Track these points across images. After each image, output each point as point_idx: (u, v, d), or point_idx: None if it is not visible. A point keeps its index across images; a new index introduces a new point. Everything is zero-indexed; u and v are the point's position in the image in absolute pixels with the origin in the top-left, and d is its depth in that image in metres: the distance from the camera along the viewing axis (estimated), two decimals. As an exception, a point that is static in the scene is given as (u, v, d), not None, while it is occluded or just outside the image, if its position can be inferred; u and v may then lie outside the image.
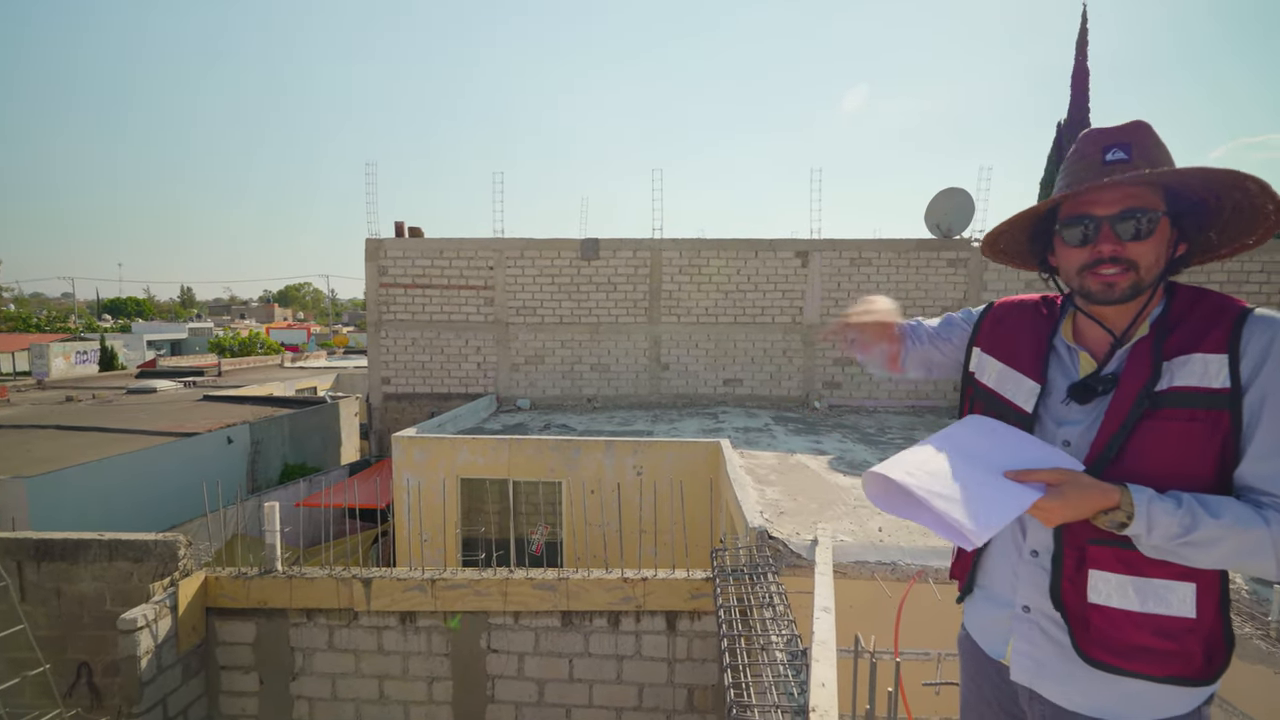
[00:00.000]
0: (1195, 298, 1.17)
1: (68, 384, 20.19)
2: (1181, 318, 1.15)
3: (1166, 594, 1.11)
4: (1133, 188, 1.12)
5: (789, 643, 2.81)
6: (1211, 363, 1.09)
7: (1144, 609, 1.12)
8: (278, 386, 17.70)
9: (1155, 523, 1.04)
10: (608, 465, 6.97)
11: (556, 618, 4.14)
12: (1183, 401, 1.10)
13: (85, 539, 4.34)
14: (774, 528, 4.20)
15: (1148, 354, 1.15)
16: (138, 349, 33.27)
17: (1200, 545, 1.03)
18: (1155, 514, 1.04)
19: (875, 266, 10.68)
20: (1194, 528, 1.02)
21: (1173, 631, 1.12)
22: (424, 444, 7.29)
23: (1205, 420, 1.08)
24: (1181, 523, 1.03)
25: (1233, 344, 1.08)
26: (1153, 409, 1.11)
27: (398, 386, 11.01)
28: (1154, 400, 1.12)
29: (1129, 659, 1.13)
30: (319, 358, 30.21)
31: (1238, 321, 1.10)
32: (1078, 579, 1.16)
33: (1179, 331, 1.14)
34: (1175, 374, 1.12)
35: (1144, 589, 1.12)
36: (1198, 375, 1.10)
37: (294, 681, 4.33)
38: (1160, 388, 1.12)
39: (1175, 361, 1.12)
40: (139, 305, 65.17)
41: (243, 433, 11.00)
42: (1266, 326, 1.08)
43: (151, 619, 3.92)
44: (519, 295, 10.89)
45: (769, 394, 10.85)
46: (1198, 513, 1.03)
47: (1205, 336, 1.11)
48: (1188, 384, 1.10)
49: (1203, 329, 1.12)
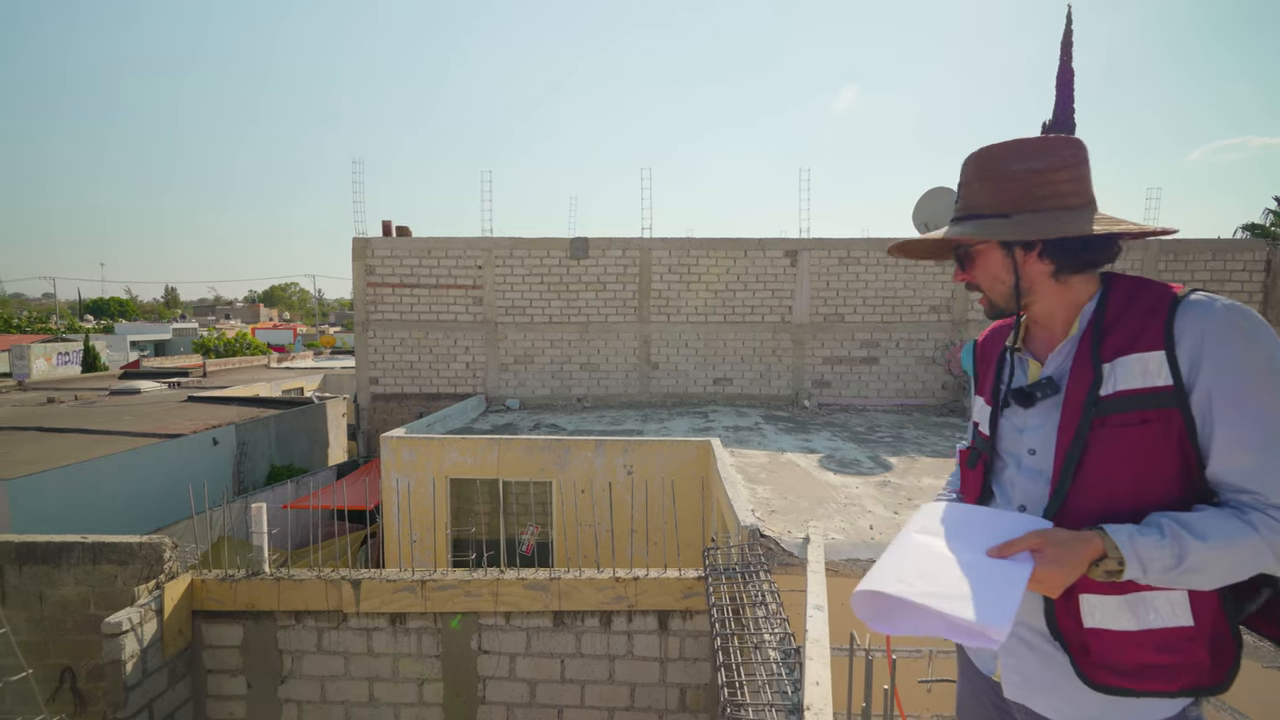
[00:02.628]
0: (1132, 291, 1.16)
1: (49, 385, 19.86)
2: (1119, 315, 1.14)
3: (1160, 605, 1.09)
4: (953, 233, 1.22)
5: (782, 641, 2.81)
6: (1150, 361, 1.08)
7: (1142, 626, 1.09)
8: (264, 387, 17.51)
9: (1147, 561, 1.00)
10: (598, 465, 6.96)
11: (548, 618, 4.13)
12: (1130, 405, 1.09)
13: (68, 542, 4.26)
14: (765, 526, 4.21)
15: (1087, 356, 1.15)
16: (121, 350, 32.78)
17: (1196, 570, 1.00)
18: (1143, 551, 1.00)
19: (864, 265, 10.74)
20: (1184, 555, 0.99)
21: (1175, 644, 1.09)
22: (413, 444, 7.24)
23: (1157, 421, 1.07)
24: (1171, 552, 0.99)
25: (1168, 338, 1.07)
26: (1101, 415, 1.11)
27: (386, 387, 10.93)
28: (1100, 406, 1.11)
29: (1137, 679, 1.10)
30: (306, 358, 29.92)
31: (1170, 311, 1.08)
32: (1070, 605, 1.14)
33: (1117, 330, 1.13)
34: (1118, 377, 1.10)
35: (1138, 605, 1.09)
36: (1139, 376, 1.08)
37: (282, 684, 4.28)
38: (1105, 392, 1.11)
39: (1117, 363, 1.11)
40: (122, 306, 64.21)
41: (228, 434, 10.87)
42: (1196, 316, 1.06)
43: (136, 622, 3.86)
44: (508, 295, 10.85)
45: (759, 393, 10.88)
46: (1183, 539, 1.00)
47: (1141, 334, 1.10)
48: (1130, 386, 1.09)
49: (1138, 326, 1.11)
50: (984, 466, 1.32)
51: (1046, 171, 1.15)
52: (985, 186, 1.19)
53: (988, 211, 1.19)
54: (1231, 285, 10.40)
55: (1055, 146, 1.16)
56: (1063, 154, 1.16)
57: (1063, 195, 1.15)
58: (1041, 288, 1.21)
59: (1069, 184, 1.15)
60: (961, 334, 10.67)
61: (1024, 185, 1.15)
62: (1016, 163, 1.17)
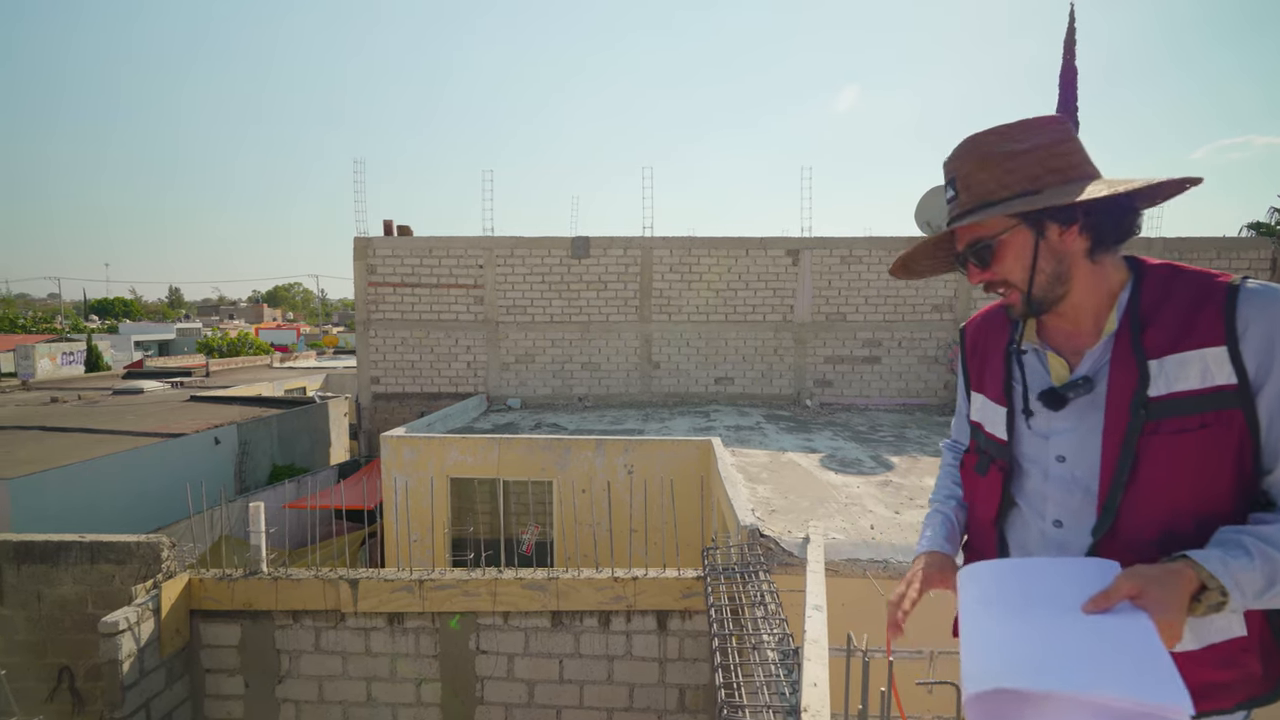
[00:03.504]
0: (1169, 278, 1.05)
1: (53, 385, 19.93)
2: (1159, 304, 1.03)
3: (1218, 619, 1.00)
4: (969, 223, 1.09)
5: (780, 642, 2.78)
6: (1210, 358, 0.97)
7: (1202, 644, 1.02)
8: (266, 387, 17.54)
9: (1244, 587, 0.90)
10: (598, 464, 6.93)
11: (546, 618, 4.11)
12: (1189, 408, 0.97)
13: (66, 541, 4.26)
14: (765, 526, 4.18)
15: (1128, 353, 1.03)
16: (125, 350, 32.89)
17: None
18: (1240, 576, 0.90)
19: (866, 265, 10.70)
20: (1277, 575, 0.90)
21: (1232, 656, 1.03)
22: (413, 444, 7.23)
23: (1217, 424, 0.96)
24: (1263, 573, 0.90)
25: (1229, 331, 0.96)
26: (1154, 420, 0.99)
27: (387, 386, 10.93)
28: (1151, 409, 1.00)
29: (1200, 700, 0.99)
30: (308, 358, 29.98)
31: (1229, 302, 0.97)
32: None
33: (1160, 321, 1.02)
34: (1172, 377, 0.99)
35: (1200, 624, 1.01)
36: (1198, 375, 0.97)
37: (280, 684, 4.27)
38: (1157, 393, 1.00)
39: (1168, 361, 1.00)
40: (126, 306, 64.47)
41: (230, 434, 10.88)
42: (1263, 304, 0.96)
43: (134, 622, 3.85)
44: (509, 294, 10.83)
45: (760, 392, 10.84)
46: (1273, 558, 0.91)
47: (1194, 326, 0.99)
48: (1189, 387, 0.98)
49: (1188, 317, 1.00)
50: (1002, 475, 1.20)
51: (1052, 145, 1.05)
52: (992, 172, 1.07)
53: (1005, 194, 1.06)
54: (1237, 284, 10.34)
55: (1042, 125, 1.07)
56: (1054, 130, 1.07)
57: (1077, 165, 1.05)
58: (1078, 272, 1.07)
59: (1077, 155, 1.06)
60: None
61: (1037, 160, 1.05)
62: (1014, 143, 1.07)
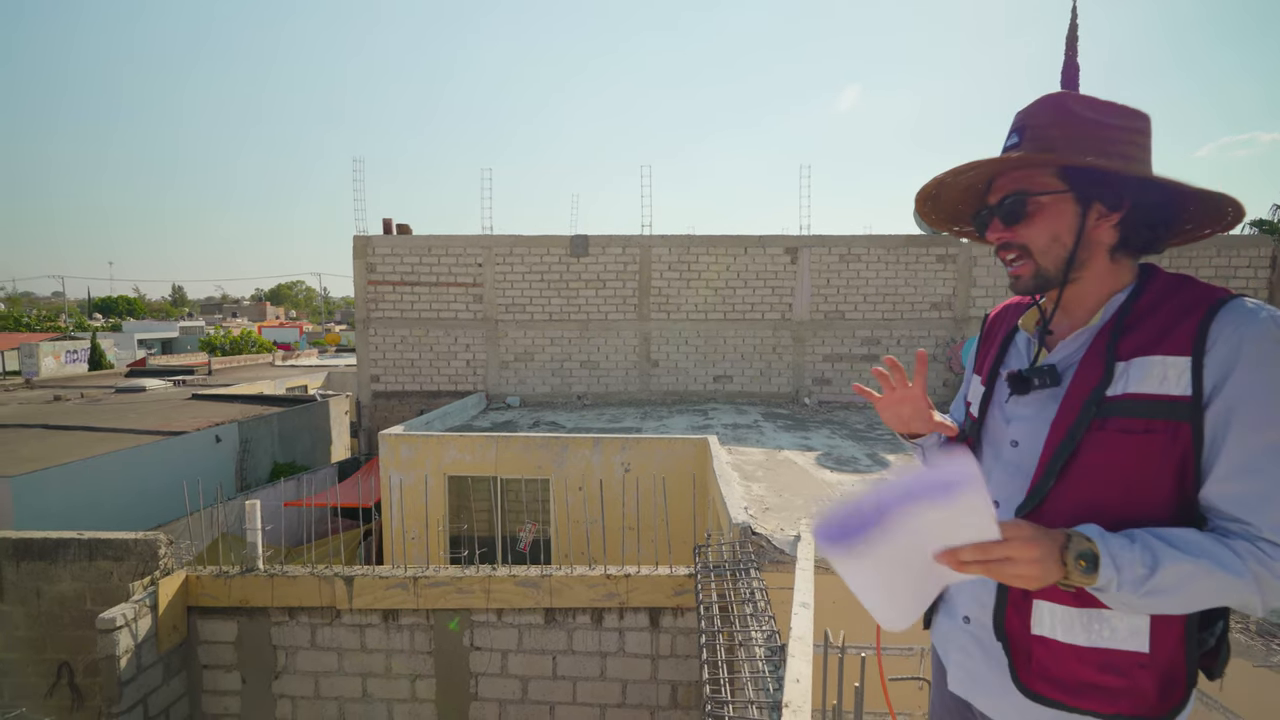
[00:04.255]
0: (1173, 287, 1.02)
1: (56, 383, 20.03)
2: (1150, 310, 1.01)
3: (1119, 625, 1.00)
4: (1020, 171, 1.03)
5: (768, 639, 2.81)
6: (1171, 366, 0.95)
7: (1091, 643, 1.01)
8: (268, 385, 17.61)
9: (1120, 560, 0.89)
10: (595, 462, 6.96)
11: (540, 615, 4.13)
12: (1138, 410, 0.97)
13: (65, 538, 4.30)
14: (758, 524, 4.20)
15: (1101, 351, 1.02)
16: (128, 348, 33.03)
17: (1167, 589, 0.88)
18: (1114, 549, 0.89)
19: (864, 263, 10.69)
20: (1157, 566, 0.88)
21: (1122, 667, 1.00)
22: (411, 442, 7.26)
23: (1164, 432, 0.95)
24: (1143, 561, 0.88)
25: (1198, 343, 0.94)
26: (1103, 417, 0.99)
27: (387, 385, 10.97)
28: (1103, 407, 0.99)
29: (1073, 695, 1.03)
30: (310, 356, 30.07)
31: (1206, 317, 0.95)
32: (1023, 606, 1.06)
33: (1141, 327, 1.00)
34: (1130, 377, 0.98)
35: (1094, 621, 1.01)
36: (1155, 380, 0.96)
37: (276, 680, 4.31)
38: (1113, 393, 0.99)
39: (1133, 363, 0.99)
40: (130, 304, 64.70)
41: (231, 431, 10.93)
42: (1237, 322, 0.93)
43: (131, 618, 3.89)
44: (508, 292, 10.86)
45: (759, 390, 10.86)
46: (1158, 550, 0.89)
47: (1169, 335, 0.97)
48: (1143, 390, 0.97)
49: (1168, 325, 0.98)
50: None
51: (1131, 132, 1.00)
52: (1066, 130, 1.00)
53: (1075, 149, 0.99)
54: (1236, 281, 10.31)
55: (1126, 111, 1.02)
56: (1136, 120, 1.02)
57: (1145, 161, 1.01)
58: (1094, 264, 1.05)
59: (1147, 151, 1.01)
60: (963, 331, 10.61)
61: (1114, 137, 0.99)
62: (1098, 113, 1.01)
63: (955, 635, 1.20)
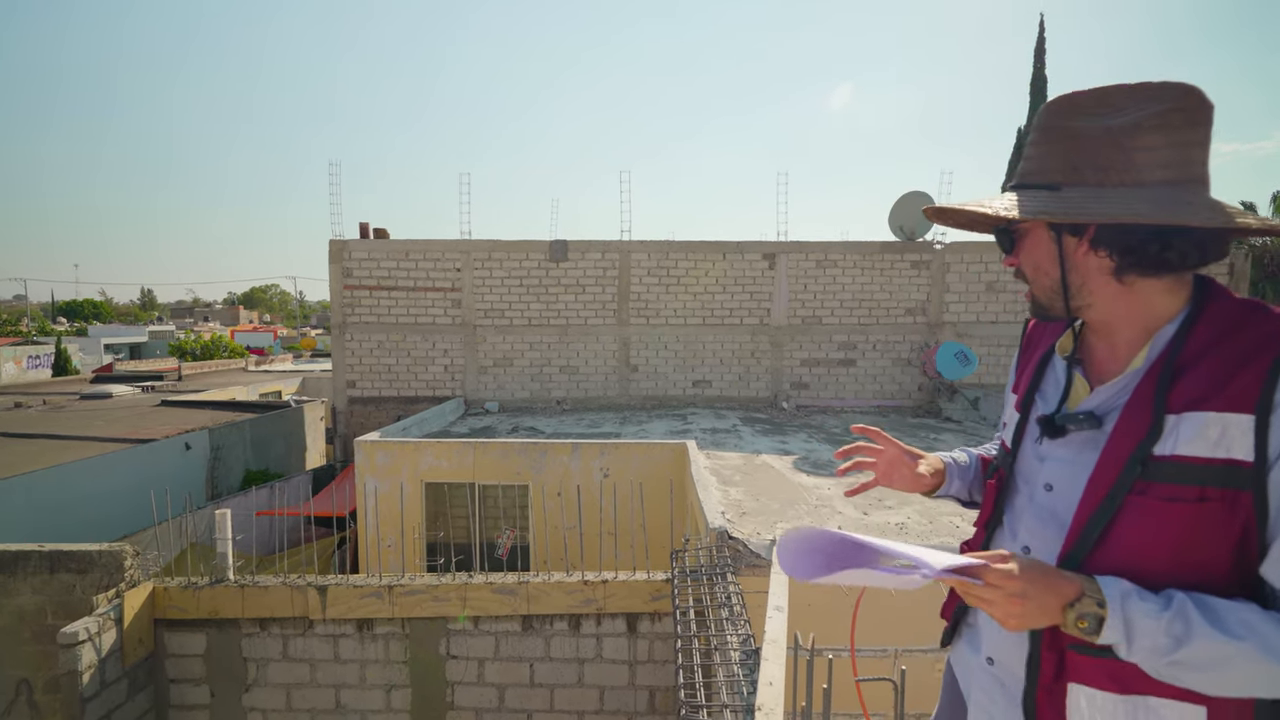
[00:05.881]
0: (1235, 320, 0.86)
1: (17, 390, 19.41)
2: (1205, 351, 0.85)
3: (1167, 716, 0.85)
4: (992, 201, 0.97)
5: (744, 642, 2.83)
6: (1232, 425, 0.81)
7: None
8: (241, 391, 17.27)
9: (1135, 628, 0.78)
10: (574, 468, 6.94)
11: (517, 622, 4.12)
12: (1189, 476, 0.83)
13: (24, 550, 4.17)
14: (735, 528, 4.23)
15: (1148, 399, 0.87)
16: (94, 353, 32.14)
17: (1197, 665, 0.77)
18: (1134, 615, 0.78)
19: (841, 268, 10.84)
20: (1186, 640, 0.77)
21: None
22: (387, 448, 7.18)
23: (1220, 501, 0.81)
24: (1169, 631, 0.77)
25: (1265, 398, 0.79)
26: (1147, 479, 0.85)
27: (363, 390, 10.83)
28: (1148, 468, 0.85)
29: None
30: (285, 361, 29.55)
31: (1275, 365, 0.80)
32: (1055, 690, 0.92)
33: (1197, 371, 0.85)
34: (1181, 435, 0.84)
35: (1138, 710, 0.86)
36: (1211, 442, 0.82)
37: (247, 693, 4.22)
38: (1161, 452, 0.85)
39: (1186, 418, 0.84)
40: (96, 308, 63.02)
41: (201, 439, 10.71)
42: None
43: (94, 632, 3.79)
44: (487, 297, 10.80)
45: (738, 395, 10.93)
46: (1193, 620, 0.77)
47: (1227, 385, 0.82)
48: (1196, 453, 0.82)
49: (1226, 372, 0.83)
50: (997, 485, 1.10)
51: (1126, 132, 0.86)
52: (1043, 148, 0.92)
53: (1039, 180, 0.92)
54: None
55: (1153, 96, 0.86)
56: (1159, 107, 0.85)
57: (1140, 167, 0.86)
58: (1098, 290, 0.93)
59: (1158, 152, 0.85)
60: (937, 336, 10.80)
61: (1090, 148, 0.88)
62: (1091, 118, 0.88)
63: (978, 674, 1.10)
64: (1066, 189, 0.89)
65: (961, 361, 10.30)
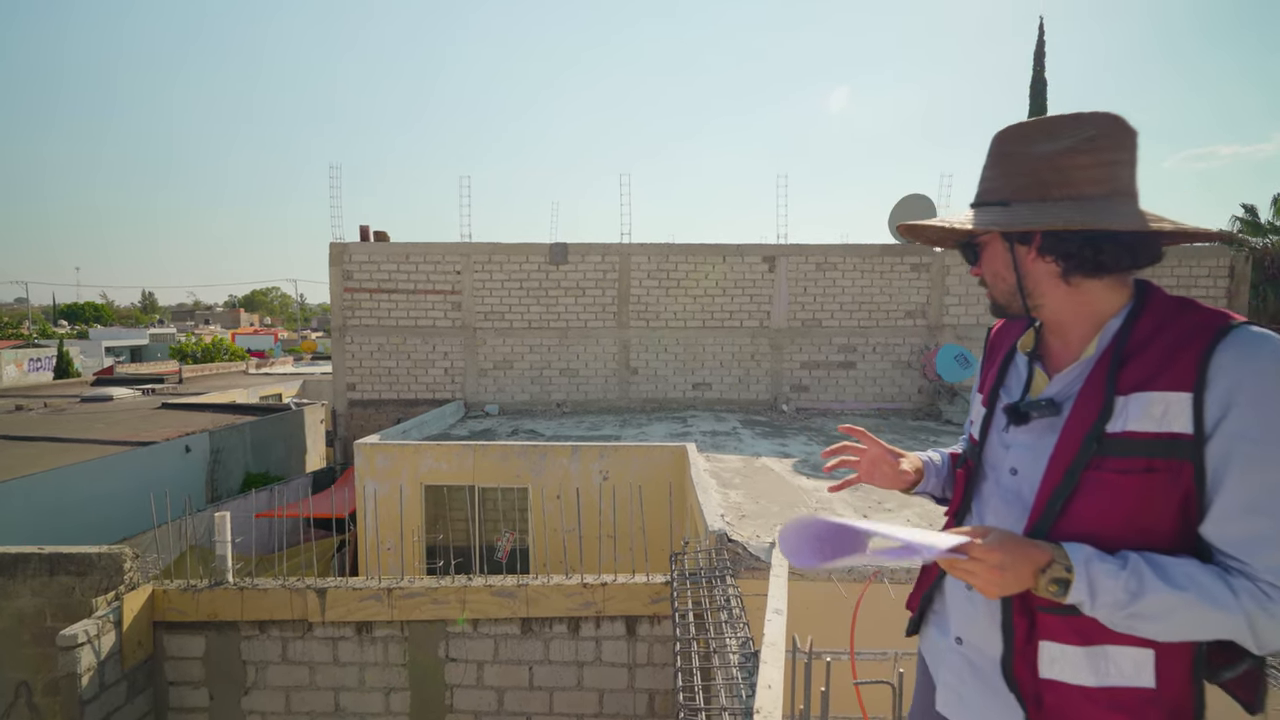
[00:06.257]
0: (1171, 313, 1.00)
1: (18, 392, 19.43)
2: (1149, 338, 0.99)
3: (1122, 662, 0.99)
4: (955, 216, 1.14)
5: (743, 645, 2.83)
6: (1173, 403, 0.93)
7: (1099, 683, 1.00)
8: (241, 394, 17.28)
9: (1097, 584, 0.91)
10: (574, 470, 6.94)
11: (516, 625, 4.11)
12: (1137, 450, 0.95)
13: (24, 553, 4.17)
14: (734, 531, 4.23)
15: (1100, 383, 1.00)
16: (95, 356, 32.18)
17: (1150, 616, 0.90)
18: (1096, 576, 0.91)
19: (840, 271, 10.85)
20: (1140, 594, 0.89)
21: (1130, 704, 0.99)
22: (387, 451, 7.18)
23: (1165, 471, 0.94)
24: (1126, 586, 0.90)
25: (1199, 378, 0.92)
26: (1102, 455, 0.98)
27: (363, 393, 10.83)
28: (1103, 445, 0.98)
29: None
30: (285, 364, 29.58)
31: (1209, 348, 0.92)
32: (1028, 651, 1.05)
33: (1141, 357, 0.98)
34: (1130, 414, 0.96)
35: (1098, 659, 1.00)
36: (1156, 418, 0.94)
37: (246, 696, 4.22)
38: (1113, 429, 0.97)
39: (1134, 398, 0.96)
40: (97, 310, 63.10)
41: (202, 441, 10.71)
42: (1238, 354, 0.90)
43: (94, 634, 3.79)
44: (487, 300, 10.81)
45: (738, 397, 10.93)
46: (1145, 576, 0.90)
47: (1168, 368, 0.95)
48: (1143, 429, 0.95)
49: (1167, 356, 0.96)
50: (966, 475, 1.22)
51: (1062, 154, 1.01)
52: (995, 170, 1.08)
53: (993, 198, 1.07)
54: (1197, 290, 10.64)
55: (1082, 125, 1.01)
56: (1088, 133, 1.00)
57: (1075, 183, 1.00)
58: (1049, 290, 1.06)
59: (1088, 170, 1.00)
60: (937, 338, 10.80)
61: (1032, 169, 1.02)
62: (1032, 143, 1.03)
63: (947, 655, 1.20)
64: (1015, 205, 1.04)
65: (961, 364, 10.30)
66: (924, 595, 1.29)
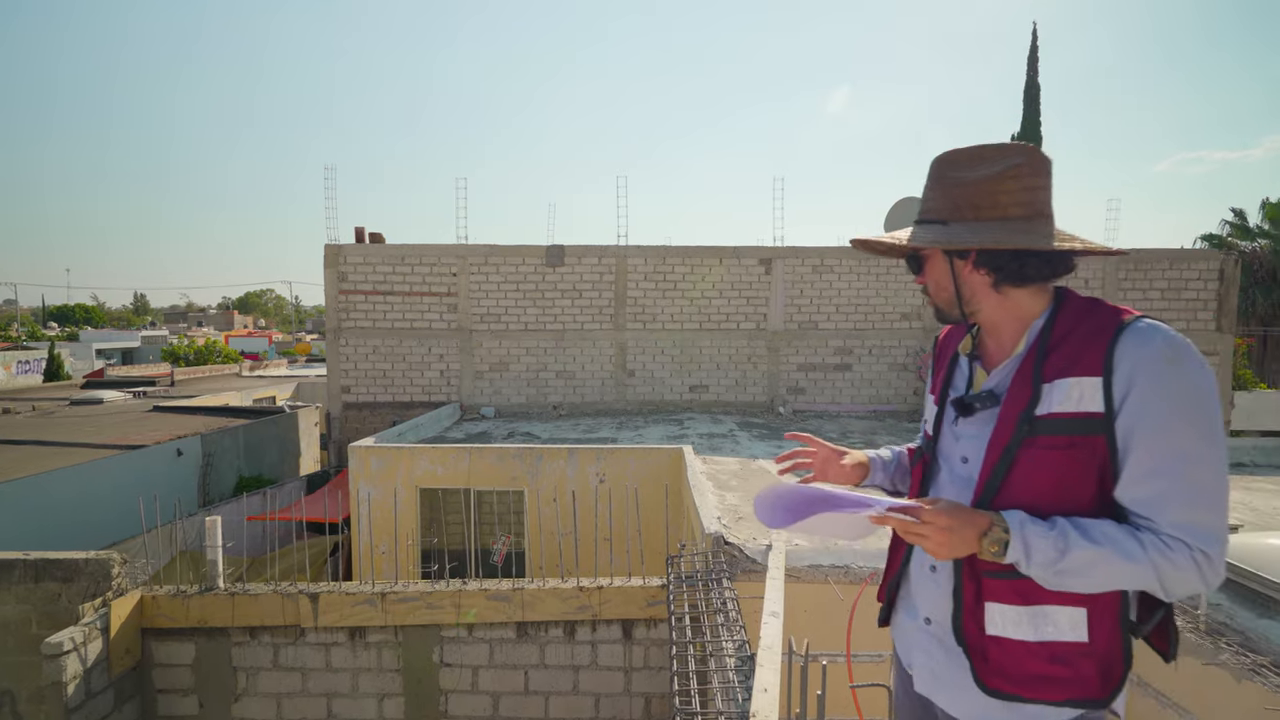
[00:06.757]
0: (1083, 312, 1.16)
1: (6, 395, 19.25)
2: (1065, 335, 1.14)
3: (1061, 620, 1.13)
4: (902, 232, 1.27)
5: (739, 648, 2.80)
6: (1086, 386, 1.09)
7: (1039, 638, 1.14)
8: (234, 396, 17.16)
9: (1031, 546, 1.05)
10: (570, 473, 6.90)
11: (511, 629, 4.07)
12: (1060, 428, 1.10)
13: (9, 559, 4.11)
14: (731, 533, 4.20)
15: (1029, 374, 1.15)
16: (85, 358, 31.92)
17: (1075, 571, 1.04)
18: (1030, 537, 1.05)
19: (837, 274, 10.85)
20: (1067, 551, 1.03)
21: (1067, 657, 1.13)
22: (382, 454, 7.12)
23: (1083, 446, 1.09)
24: (1056, 545, 1.04)
25: (1106, 364, 1.08)
26: (1032, 435, 1.13)
27: (358, 395, 10.77)
28: (1033, 426, 1.13)
29: (1027, 687, 1.15)
30: (279, 366, 29.42)
31: (1112, 341, 1.08)
32: (976, 611, 1.18)
33: (1060, 350, 1.14)
34: (1053, 398, 1.12)
35: (1037, 617, 1.14)
36: (1074, 400, 1.10)
37: (236, 703, 4.16)
38: (1040, 412, 1.12)
39: (1056, 384, 1.12)
40: (88, 312, 62.65)
41: (193, 444, 10.61)
42: (1135, 343, 1.06)
43: (80, 642, 3.72)
44: (483, 302, 10.77)
45: (734, 400, 10.91)
46: (1070, 535, 1.04)
47: (1082, 357, 1.11)
48: (1065, 410, 1.10)
49: (1080, 348, 1.11)
50: (923, 468, 1.35)
51: (991, 180, 1.15)
52: (934, 192, 1.22)
53: (933, 217, 1.21)
54: (1188, 294, 10.69)
55: (1008, 154, 1.15)
56: (1013, 162, 1.14)
57: (1002, 206, 1.14)
58: (983, 298, 1.21)
59: (1013, 194, 1.14)
60: (932, 340, 10.81)
61: (966, 193, 1.16)
62: (966, 169, 1.17)
63: (918, 636, 1.31)
64: (953, 223, 1.18)
65: (957, 366, 10.29)
66: (890, 582, 1.40)
